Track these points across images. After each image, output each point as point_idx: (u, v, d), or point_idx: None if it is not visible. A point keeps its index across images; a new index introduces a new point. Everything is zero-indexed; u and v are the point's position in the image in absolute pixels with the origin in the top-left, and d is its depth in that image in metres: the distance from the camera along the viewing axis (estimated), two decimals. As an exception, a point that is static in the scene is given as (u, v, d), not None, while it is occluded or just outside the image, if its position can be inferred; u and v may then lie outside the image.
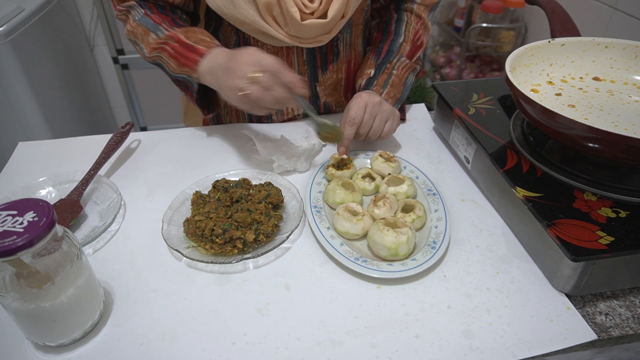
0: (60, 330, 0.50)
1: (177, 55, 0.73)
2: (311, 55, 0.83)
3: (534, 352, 0.51)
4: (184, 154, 0.83)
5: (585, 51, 0.77)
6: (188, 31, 0.75)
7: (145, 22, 0.76)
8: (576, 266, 0.53)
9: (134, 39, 0.79)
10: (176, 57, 0.74)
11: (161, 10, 0.78)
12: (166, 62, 0.76)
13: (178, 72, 0.75)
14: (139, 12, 0.77)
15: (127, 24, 0.78)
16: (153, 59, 0.78)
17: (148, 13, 0.77)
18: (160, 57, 0.76)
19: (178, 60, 0.74)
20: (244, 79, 0.64)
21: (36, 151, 0.85)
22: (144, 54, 0.78)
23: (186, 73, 0.74)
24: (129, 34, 0.79)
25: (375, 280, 0.59)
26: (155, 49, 0.76)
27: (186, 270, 0.61)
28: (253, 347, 0.51)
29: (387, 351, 0.51)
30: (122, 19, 0.79)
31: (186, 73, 0.74)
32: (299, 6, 0.71)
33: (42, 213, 0.46)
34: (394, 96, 0.82)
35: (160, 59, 0.77)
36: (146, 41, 0.76)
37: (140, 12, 0.77)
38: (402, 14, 0.87)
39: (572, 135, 0.59)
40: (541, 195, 0.60)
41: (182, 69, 0.74)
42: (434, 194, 0.70)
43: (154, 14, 0.77)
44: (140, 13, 0.77)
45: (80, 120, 1.93)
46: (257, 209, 0.64)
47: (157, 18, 0.76)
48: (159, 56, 0.76)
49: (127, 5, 0.77)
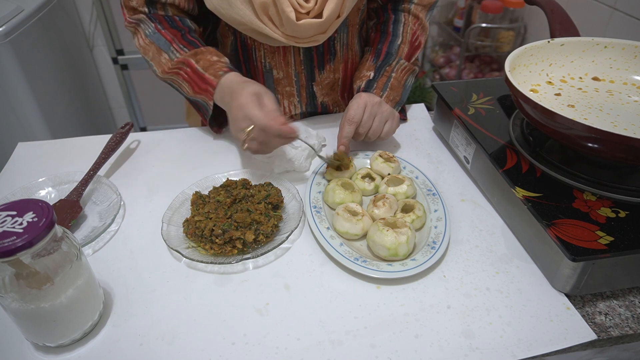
0: (60, 331, 0.50)
1: (192, 82, 0.76)
2: (308, 55, 0.83)
3: (533, 352, 0.51)
4: (184, 154, 0.83)
5: (584, 51, 0.77)
6: (197, 54, 0.76)
7: (157, 40, 0.77)
8: (576, 266, 0.53)
9: (145, 57, 0.80)
10: (190, 83, 0.77)
11: (171, 24, 0.78)
12: (179, 84, 0.78)
13: (193, 96, 0.78)
14: (149, 26, 0.77)
15: (139, 38, 0.79)
16: (165, 80, 0.80)
17: (159, 28, 0.77)
18: (173, 80, 0.79)
19: (193, 87, 0.77)
20: (241, 133, 0.67)
21: (36, 151, 0.85)
22: (157, 73, 0.80)
23: (202, 99, 0.77)
24: (141, 49, 0.80)
25: (375, 281, 0.59)
26: (169, 72, 0.78)
27: (186, 270, 0.61)
28: (253, 347, 0.51)
29: (387, 351, 0.51)
30: (132, 30, 0.80)
31: (202, 99, 0.77)
32: (294, 6, 0.71)
33: (42, 213, 0.46)
34: (394, 99, 0.82)
35: (174, 81, 0.79)
36: (158, 61, 0.78)
37: (151, 27, 0.77)
38: (399, 14, 0.87)
39: (571, 135, 0.59)
40: (541, 195, 0.60)
41: (197, 96, 0.77)
42: (433, 194, 0.70)
43: (165, 29, 0.77)
44: (151, 28, 0.77)
45: (80, 121, 1.93)
46: (257, 209, 0.64)
47: (169, 35, 0.77)
48: (172, 79, 0.78)
49: (136, 18, 0.77)
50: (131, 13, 0.78)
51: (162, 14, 0.78)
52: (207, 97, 0.76)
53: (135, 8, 0.77)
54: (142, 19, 0.77)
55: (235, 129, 0.69)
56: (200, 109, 0.81)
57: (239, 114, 0.67)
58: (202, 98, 0.77)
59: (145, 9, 0.77)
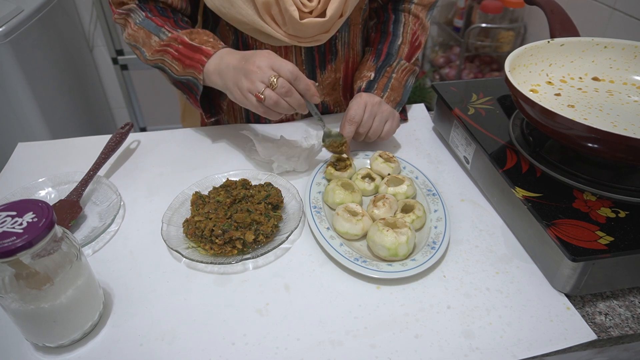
0: (60, 331, 0.50)
1: (182, 57, 0.73)
2: (310, 54, 0.83)
3: (533, 352, 0.51)
4: (184, 154, 0.83)
5: (584, 51, 0.77)
6: (192, 32, 0.74)
7: (147, 25, 0.75)
8: (576, 266, 0.53)
9: (134, 43, 0.78)
10: (180, 59, 0.73)
11: (162, 12, 0.78)
12: (169, 65, 0.75)
13: (182, 74, 0.74)
14: (139, 15, 0.76)
15: (128, 28, 0.77)
16: (155, 62, 0.77)
17: (149, 16, 0.76)
18: (162, 60, 0.75)
19: (182, 62, 0.73)
20: (260, 82, 0.63)
21: (35, 152, 0.85)
22: (145, 57, 0.77)
23: (191, 75, 0.73)
24: (130, 37, 0.78)
25: (375, 281, 0.59)
26: (158, 51, 0.75)
27: (186, 270, 0.61)
28: (253, 348, 0.51)
29: (387, 351, 0.51)
30: (121, 22, 0.78)
31: (191, 75, 0.73)
32: (297, 5, 0.71)
33: (42, 214, 0.46)
34: (394, 99, 0.82)
35: (163, 61, 0.75)
36: (148, 44, 0.76)
37: (141, 15, 0.76)
38: (399, 14, 0.87)
39: (571, 135, 0.59)
40: (541, 196, 0.60)
41: (186, 70, 0.73)
42: (433, 194, 0.70)
43: (155, 16, 0.76)
44: (141, 16, 0.76)
45: (80, 121, 1.93)
46: (257, 209, 0.64)
47: (159, 20, 0.76)
48: (161, 59, 0.75)
49: (126, 8, 0.76)
50: (119, 6, 0.77)
51: (153, 4, 0.77)
52: (196, 70, 0.71)
53: (123, 2, 0.76)
54: (133, 8, 0.76)
55: (250, 80, 0.64)
56: (191, 91, 0.75)
57: (264, 62, 0.63)
58: (190, 73, 0.72)
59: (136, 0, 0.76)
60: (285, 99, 0.64)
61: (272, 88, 0.63)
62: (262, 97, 0.63)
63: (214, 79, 0.70)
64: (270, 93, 0.63)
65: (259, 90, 0.63)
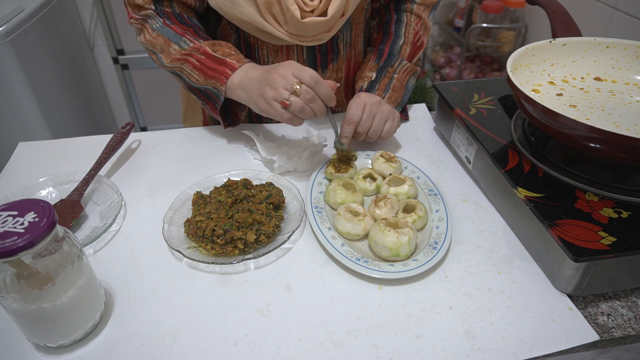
0: (61, 331, 0.50)
1: (203, 67, 0.74)
2: (311, 54, 0.83)
3: (535, 352, 0.51)
4: (185, 154, 0.83)
5: (586, 51, 0.77)
6: (215, 44, 0.75)
7: (166, 32, 0.76)
8: (578, 267, 0.53)
9: (151, 48, 0.78)
10: (202, 69, 0.74)
11: (180, 20, 0.78)
12: (187, 74, 0.76)
13: (203, 83, 0.75)
14: (157, 21, 0.77)
15: (145, 33, 0.78)
16: (172, 69, 0.78)
17: (168, 23, 0.77)
18: (181, 69, 0.76)
19: (204, 72, 0.74)
20: (284, 90, 0.65)
21: (36, 151, 0.85)
22: (162, 62, 0.78)
23: (212, 85, 0.74)
24: (147, 42, 0.78)
25: (377, 281, 0.59)
26: (178, 59, 0.76)
27: (187, 270, 0.61)
28: (254, 348, 0.51)
29: (389, 352, 0.51)
30: (138, 27, 0.79)
31: (212, 85, 0.74)
32: (299, 4, 0.71)
33: (43, 213, 0.45)
34: (395, 100, 0.82)
35: (182, 69, 0.76)
36: (167, 51, 0.76)
37: (159, 22, 0.77)
38: (401, 14, 0.87)
39: (573, 135, 0.59)
40: (543, 196, 0.60)
41: (208, 81, 0.74)
42: (435, 195, 0.70)
43: (174, 24, 0.77)
44: (159, 22, 0.77)
45: (81, 121, 1.93)
46: (258, 209, 0.64)
47: (179, 29, 0.76)
48: (180, 67, 0.76)
49: (143, 14, 0.77)
50: (136, 10, 0.77)
51: (170, 11, 0.78)
52: (219, 82, 0.73)
53: (141, 5, 0.77)
54: (150, 14, 0.77)
55: (274, 88, 0.66)
56: (209, 99, 0.77)
57: (287, 71, 0.65)
58: (212, 84, 0.74)
59: (152, 6, 0.77)
60: (310, 105, 0.66)
61: (297, 94, 0.65)
62: (288, 104, 0.65)
63: (237, 92, 0.72)
64: (296, 99, 0.65)
65: (284, 97, 0.65)
